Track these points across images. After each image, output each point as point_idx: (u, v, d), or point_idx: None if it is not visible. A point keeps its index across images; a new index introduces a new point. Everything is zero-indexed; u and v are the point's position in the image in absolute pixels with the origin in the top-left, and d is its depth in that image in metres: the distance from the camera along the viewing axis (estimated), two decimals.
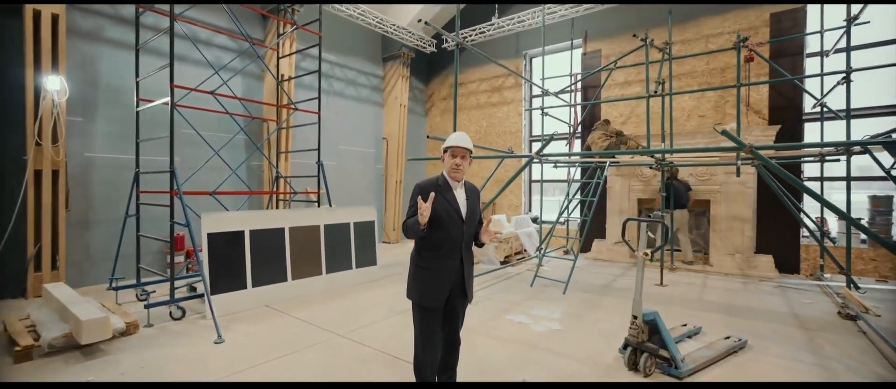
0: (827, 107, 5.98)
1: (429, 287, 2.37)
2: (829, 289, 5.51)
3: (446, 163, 2.41)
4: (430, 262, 2.37)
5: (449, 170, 2.40)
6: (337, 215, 5.67)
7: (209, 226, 4.29)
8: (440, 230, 2.32)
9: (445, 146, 2.42)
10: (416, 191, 2.38)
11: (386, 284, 5.84)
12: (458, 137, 2.41)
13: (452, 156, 2.38)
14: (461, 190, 2.47)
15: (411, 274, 2.46)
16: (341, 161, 8.98)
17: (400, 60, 9.89)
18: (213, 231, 4.31)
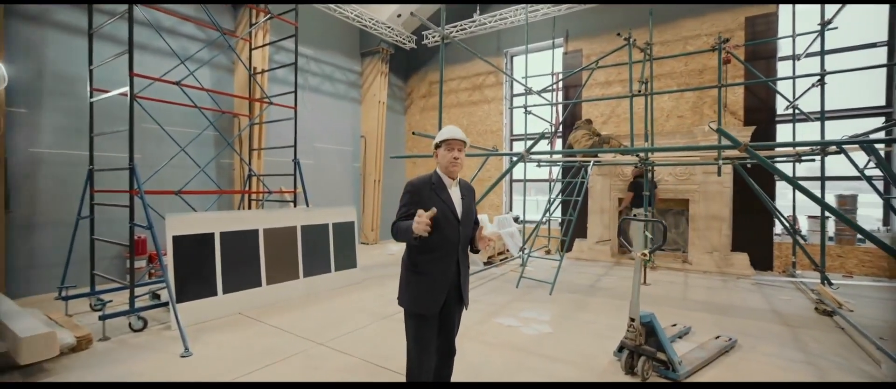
0: (799, 109, 6.16)
1: (423, 293, 2.18)
2: (803, 286, 5.67)
3: (442, 158, 2.22)
4: (425, 267, 2.18)
5: (447, 166, 2.20)
6: (315, 216, 5.38)
7: (175, 228, 3.93)
8: (435, 232, 2.11)
9: (440, 140, 2.22)
10: (408, 191, 2.19)
11: (367, 287, 5.59)
12: (453, 130, 2.23)
13: (449, 150, 2.19)
14: (456, 188, 2.28)
15: (403, 279, 2.26)
16: (318, 159, 8.63)
17: (379, 56, 9.61)
18: (179, 233, 3.95)
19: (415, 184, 2.20)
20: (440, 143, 2.24)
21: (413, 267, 2.21)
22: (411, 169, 11.27)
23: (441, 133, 2.25)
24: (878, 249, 6.23)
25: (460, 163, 2.23)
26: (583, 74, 7.99)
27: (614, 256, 7.60)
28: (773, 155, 6.29)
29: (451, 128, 2.24)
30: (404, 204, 2.18)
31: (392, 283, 5.83)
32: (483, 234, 2.31)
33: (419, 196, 2.16)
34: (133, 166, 3.79)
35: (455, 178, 2.28)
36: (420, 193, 2.17)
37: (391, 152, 10.39)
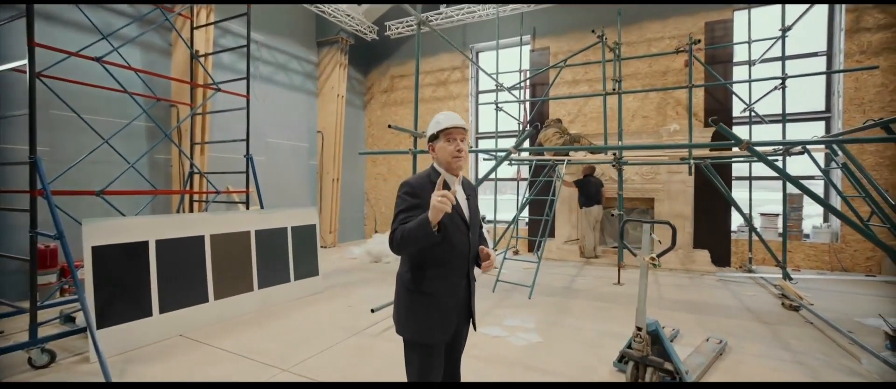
0: (755, 112, 6.44)
1: (432, 318, 1.78)
2: (763, 281, 5.91)
3: (441, 152, 1.83)
4: (431, 285, 1.78)
5: (449, 160, 1.81)
6: (271, 219, 4.75)
7: (95, 237, 3.20)
8: (444, 241, 1.73)
9: (437, 130, 1.83)
10: (406, 193, 1.77)
11: (332, 297, 5.05)
12: (452, 116, 1.84)
13: (449, 141, 1.81)
14: (459, 187, 1.89)
15: (403, 302, 1.84)
16: (271, 156, 7.85)
17: (337, 46, 8.97)
18: (100, 242, 3.22)
19: (412, 185, 1.78)
20: (437, 134, 1.84)
21: (415, 286, 1.80)
22: (371, 167, 10.71)
23: (437, 121, 1.86)
24: (821, 244, 6.67)
25: (465, 156, 1.85)
26: (550, 73, 7.91)
27: (583, 256, 7.59)
28: (731, 155, 6.53)
29: (449, 115, 1.85)
30: (403, 209, 1.76)
31: (360, 291, 5.33)
32: (488, 251, 1.91)
33: (419, 198, 1.75)
34: (35, 159, 3.02)
35: (458, 175, 1.90)
36: (420, 194, 1.75)
37: (350, 149, 9.78)
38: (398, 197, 1.81)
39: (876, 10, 6.36)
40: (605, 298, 5.10)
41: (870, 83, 6.37)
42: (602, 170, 7.65)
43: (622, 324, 4.11)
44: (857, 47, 6.43)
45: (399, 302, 1.88)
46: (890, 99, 6.29)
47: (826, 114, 6.83)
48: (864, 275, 6.30)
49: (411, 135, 4.31)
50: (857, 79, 6.40)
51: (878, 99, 6.33)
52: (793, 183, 2.93)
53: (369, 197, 10.73)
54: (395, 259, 7.42)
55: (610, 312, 4.55)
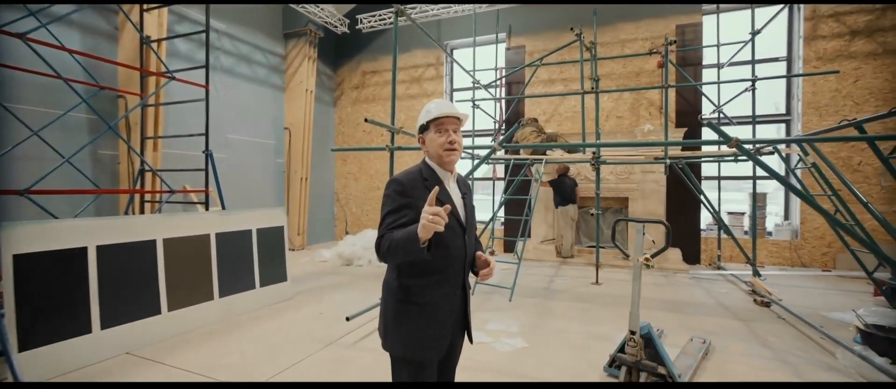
0: (723, 114, 6.62)
1: (425, 332, 1.57)
2: (733, 278, 6.06)
3: (432, 144, 1.63)
4: (423, 295, 1.57)
5: (440, 154, 1.62)
6: (234, 220, 4.36)
7: (17, 243, 2.74)
8: (438, 245, 1.53)
9: (427, 120, 1.63)
10: (395, 191, 1.56)
11: (301, 304, 4.71)
12: (443, 104, 1.64)
13: (441, 132, 1.61)
14: (454, 184, 1.70)
15: (392, 315, 1.62)
16: (233, 153, 7.33)
17: (305, 39, 8.53)
18: (25, 250, 2.77)
19: (402, 182, 1.58)
20: (427, 125, 1.64)
21: (405, 295, 1.59)
22: (342, 166, 10.31)
23: (427, 109, 1.66)
24: (782, 241, 6.95)
25: (459, 149, 1.65)
26: (527, 71, 7.85)
27: (559, 256, 7.57)
28: (701, 155, 6.69)
29: (441, 103, 1.65)
30: (391, 211, 1.55)
31: (332, 297, 5.01)
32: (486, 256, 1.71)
33: (410, 197, 1.55)
34: None
35: (452, 171, 1.70)
36: (411, 193, 1.55)
37: (320, 147, 9.36)
38: (385, 196, 1.59)
39: (831, 20, 6.70)
40: (585, 298, 5.04)
41: (826, 88, 6.70)
42: (576, 170, 7.67)
43: (606, 325, 4.04)
44: (814, 54, 6.75)
45: (386, 314, 1.65)
46: (843, 103, 6.63)
47: (787, 116, 7.14)
48: (820, 270, 6.61)
49: (388, 130, 4.06)
50: (814, 83, 6.71)
51: (833, 103, 6.67)
52: (781, 182, 2.92)
53: (339, 197, 10.32)
54: (369, 262, 7.11)
55: (592, 313, 4.48)
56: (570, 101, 8.06)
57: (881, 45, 6.48)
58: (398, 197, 1.55)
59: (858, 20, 6.58)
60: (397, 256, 1.46)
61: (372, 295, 4.90)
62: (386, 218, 1.55)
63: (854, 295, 5.31)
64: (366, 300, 4.73)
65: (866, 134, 3.28)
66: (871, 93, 6.51)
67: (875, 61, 6.49)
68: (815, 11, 6.75)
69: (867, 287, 5.61)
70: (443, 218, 1.32)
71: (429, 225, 1.32)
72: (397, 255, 1.46)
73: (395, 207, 1.54)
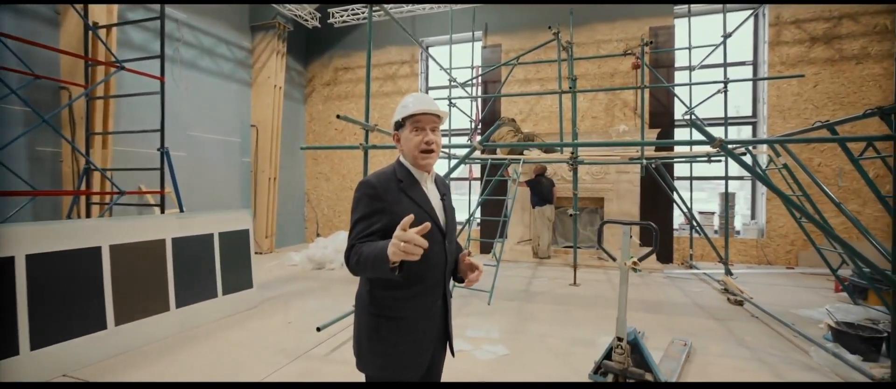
0: (695, 115, 6.76)
1: (402, 350, 1.40)
2: (706, 277, 6.18)
3: (408, 143, 1.45)
4: (400, 309, 1.40)
5: (415, 155, 1.45)
6: (193, 224, 4.01)
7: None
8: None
9: (403, 115, 1.45)
10: (366, 194, 1.38)
11: (268, 313, 4.41)
12: (421, 99, 1.46)
13: (417, 130, 1.44)
14: (432, 185, 1.54)
15: (365, 331, 1.44)
16: (194, 151, 6.86)
17: (274, 32, 8.13)
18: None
19: (374, 185, 1.39)
20: (402, 122, 1.46)
21: (379, 310, 1.41)
22: (313, 166, 9.93)
23: (404, 104, 1.48)
24: (751, 239, 7.18)
25: (436, 151, 1.47)
26: (503, 70, 7.78)
27: (536, 257, 7.53)
28: (673, 155, 6.82)
29: (419, 97, 1.47)
30: (362, 217, 1.37)
31: (301, 304, 4.73)
32: (471, 260, 1.57)
33: (383, 201, 1.37)
34: None
35: (430, 171, 1.52)
36: (384, 197, 1.38)
37: (289, 145, 8.96)
38: (355, 200, 1.42)
39: (793, 26, 6.97)
40: (564, 301, 4.98)
41: (788, 92, 6.96)
42: (553, 170, 7.66)
43: (587, 329, 3.97)
44: (778, 58, 7.00)
45: (360, 330, 1.47)
46: (804, 106, 6.91)
47: (753, 119, 7.37)
48: (784, 268, 6.86)
49: (362, 127, 3.84)
50: (778, 87, 6.96)
51: (795, 106, 6.93)
52: (764, 183, 2.92)
53: (310, 197, 9.93)
54: (341, 265, 6.82)
55: (572, 315, 4.42)
56: (546, 101, 8.05)
57: (838, 52, 6.78)
58: (370, 202, 1.38)
59: (817, 28, 6.87)
60: (366, 272, 1.30)
61: (344, 302, 4.66)
62: (356, 225, 1.38)
63: (817, 291, 5.51)
64: (338, 307, 4.48)
65: (838, 135, 3.34)
66: (829, 98, 6.80)
67: (832, 67, 6.79)
68: (779, 18, 7.00)
69: (827, 283, 5.84)
70: (418, 246, 1.13)
71: (400, 252, 1.14)
72: (366, 272, 1.30)
73: (366, 213, 1.38)
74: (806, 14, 6.88)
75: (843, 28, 6.78)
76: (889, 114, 2.69)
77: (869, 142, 3.25)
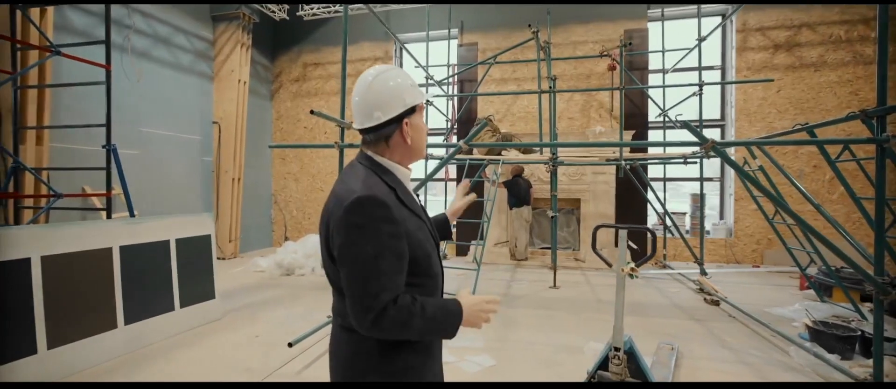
0: (668, 117, 6.87)
1: None
2: (679, 276, 6.27)
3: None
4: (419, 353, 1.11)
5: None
6: (145, 230, 3.60)
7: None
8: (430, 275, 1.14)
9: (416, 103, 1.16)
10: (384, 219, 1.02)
11: (233, 326, 4.04)
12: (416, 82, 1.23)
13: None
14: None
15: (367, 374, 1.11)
16: (148, 149, 6.29)
17: (238, 23, 7.63)
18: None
19: (385, 202, 1.03)
20: (411, 110, 1.16)
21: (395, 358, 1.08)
22: (280, 165, 9.43)
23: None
24: (720, 239, 7.38)
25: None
26: (479, 69, 7.64)
27: (514, 258, 7.44)
28: (647, 157, 6.90)
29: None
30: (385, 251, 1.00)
31: (270, 315, 4.38)
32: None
33: (401, 224, 1.06)
34: None
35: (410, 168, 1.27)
36: (399, 218, 1.06)
37: (255, 144, 8.46)
38: (360, 227, 0.99)
39: (758, 33, 7.22)
40: (546, 305, 4.88)
41: (754, 96, 7.20)
42: (529, 171, 7.59)
43: (572, 335, 3.87)
44: (744, 64, 7.24)
45: (356, 374, 1.11)
46: (768, 110, 7.17)
47: (721, 121, 7.60)
48: (751, 266, 7.10)
49: (338, 124, 3.57)
50: (745, 91, 7.19)
51: (760, 110, 7.19)
52: (752, 182, 2.88)
53: (278, 199, 9.43)
54: (312, 270, 6.46)
55: (555, 321, 4.31)
56: (523, 101, 7.99)
57: (798, 59, 7.09)
58: (388, 227, 1.01)
59: (780, 35, 7.15)
60: (423, 334, 1.05)
61: (317, 311, 4.36)
62: (378, 262, 0.98)
63: (784, 289, 5.69)
64: (310, 317, 4.17)
65: (816, 138, 3.39)
66: (790, 103, 7.09)
67: (794, 73, 7.09)
68: (745, 25, 7.24)
69: (792, 280, 6.06)
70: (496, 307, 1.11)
71: (480, 322, 1.08)
72: (426, 333, 1.04)
73: (383, 246, 0.99)
74: (770, 22, 7.15)
75: (803, 36, 7.09)
76: (871, 118, 2.71)
77: (846, 145, 3.32)
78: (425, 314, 1.00)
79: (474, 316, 1.09)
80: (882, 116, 2.72)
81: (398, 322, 0.97)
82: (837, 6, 6.91)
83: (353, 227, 0.99)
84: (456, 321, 1.05)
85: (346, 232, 1.00)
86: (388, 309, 0.96)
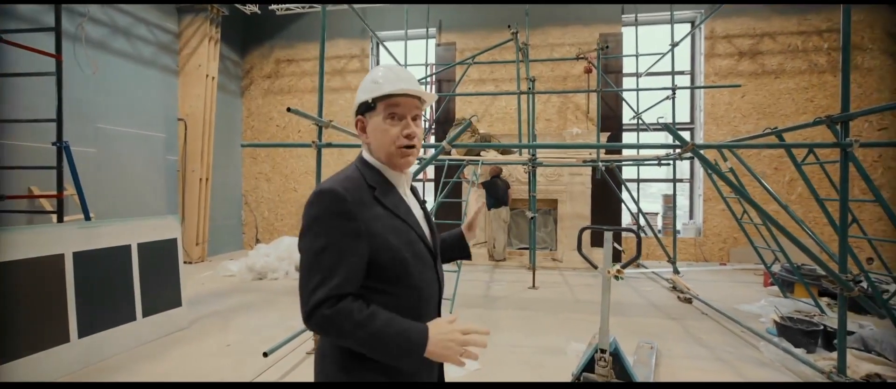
0: (642, 120, 7.06)
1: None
2: (653, 275, 6.45)
3: (382, 135, 1.09)
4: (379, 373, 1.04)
5: (393, 153, 1.10)
6: (103, 234, 3.34)
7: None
8: (407, 286, 1.06)
9: (376, 96, 1.07)
10: (338, 213, 0.98)
11: (201, 334, 3.82)
12: (399, 74, 1.11)
13: (394, 118, 1.09)
14: (409, 191, 1.23)
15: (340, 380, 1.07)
16: (106, 147, 5.88)
17: (205, 15, 7.27)
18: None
19: (341, 195, 0.98)
20: (373, 103, 1.09)
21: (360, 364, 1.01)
22: (251, 165, 9.08)
23: (375, 79, 1.10)
24: (689, 238, 7.64)
25: (419, 146, 1.13)
26: (458, 69, 7.61)
27: (492, 259, 7.45)
28: (622, 158, 7.07)
29: (395, 71, 1.12)
30: (328, 246, 0.96)
31: (242, 321, 4.17)
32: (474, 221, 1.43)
33: (357, 219, 0.99)
34: None
35: (407, 173, 1.20)
36: (358, 213, 1.00)
37: (224, 142, 8.11)
38: (311, 217, 0.99)
39: (724, 41, 7.53)
40: (526, 306, 4.89)
41: (721, 101, 7.51)
42: (507, 172, 7.61)
43: (554, 336, 3.88)
44: (712, 70, 7.53)
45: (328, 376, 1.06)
46: (733, 115, 7.49)
47: (690, 125, 7.87)
48: (718, 264, 7.39)
49: (315, 123, 3.43)
50: (713, 96, 7.48)
51: (726, 115, 7.50)
52: (729, 184, 2.96)
53: (248, 200, 9.07)
54: (286, 274, 6.24)
55: (536, 322, 4.32)
56: (501, 102, 8.01)
57: (761, 67, 7.44)
58: (340, 222, 0.97)
59: (744, 43, 7.48)
60: (373, 353, 0.96)
61: (293, 317, 4.18)
62: (319, 258, 0.95)
63: (749, 285, 5.94)
64: (286, 324, 4.01)
65: (784, 142, 3.53)
66: (753, 108, 7.43)
67: (757, 80, 7.43)
68: (713, 32, 7.53)
69: (756, 277, 6.34)
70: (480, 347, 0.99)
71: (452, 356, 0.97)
72: (374, 353, 0.95)
73: (332, 240, 0.95)
74: (735, 30, 7.47)
75: (765, 45, 7.44)
76: (836, 123, 2.84)
77: (810, 149, 3.47)
78: (369, 328, 0.92)
79: (444, 347, 0.96)
80: (845, 122, 2.86)
81: (333, 325, 0.92)
82: (795, 17, 7.30)
83: (309, 219, 0.99)
84: (414, 349, 0.94)
85: (303, 222, 1.00)
86: (321, 307, 0.92)
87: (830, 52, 7.20)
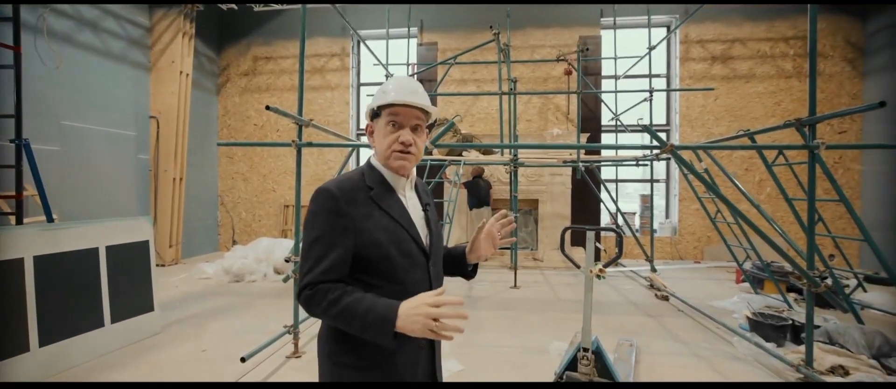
0: (620, 121, 7.20)
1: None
2: (631, 273, 6.58)
3: (383, 141, 1.17)
4: (377, 355, 1.09)
5: (389, 156, 1.16)
6: (68, 237, 3.17)
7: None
8: (391, 281, 1.11)
9: (381, 104, 1.15)
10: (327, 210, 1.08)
11: (175, 340, 3.68)
12: (407, 85, 1.17)
13: (393, 126, 1.15)
14: (412, 192, 1.27)
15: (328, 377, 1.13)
16: (71, 146, 5.59)
17: (179, 10, 7.03)
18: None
19: (334, 194, 1.09)
20: (378, 111, 1.17)
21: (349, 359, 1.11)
22: (228, 165, 8.83)
23: (384, 89, 1.17)
24: (665, 237, 7.84)
25: (416, 155, 1.19)
26: (439, 69, 7.59)
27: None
28: (601, 159, 7.20)
29: (403, 83, 1.18)
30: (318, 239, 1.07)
31: (218, 326, 4.04)
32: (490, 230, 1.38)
33: (346, 216, 1.07)
34: None
35: (408, 175, 1.24)
36: (347, 210, 1.08)
37: (198, 141, 7.87)
38: (310, 214, 1.10)
39: (698, 45, 7.77)
40: (508, 305, 4.91)
41: (695, 104, 7.74)
42: (489, 172, 7.64)
43: (536, 336, 3.90)
44: (687, 73, 7.76)
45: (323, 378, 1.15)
46: (707, 117, 7.73)
47: (666, 127, 8.08)
48: (693, 262, 7.61)
49: (295, 122, 3.35)
50: (687, 99, 7.71)
51: (700, 117, 7.74)
52: (705, 184, 3.04)
53: (225, 200, 8.81)
54: (264, 276, 6.09)
55: (519, 321, 4.34)
56: (483, 103, 8.04)
57: (732, 71, 7.71)
58: (329, 217, 1.08)
59: (717, 48, 7.74)
60: (349, 329, 1.03)
61: (272, 320, 4.08)
62: (311, 248, 1.08)
63: (722, 282, 6.14)
64: (264, 328, 3.90)
65: (755, 143, 3.66)
66: (725, 111, 7.70)
67: (728, 84, 7.70)
68: (687, 37, 7.76)
69: (728, 275, 6.56)
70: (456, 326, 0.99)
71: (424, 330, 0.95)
72: (349, 328, 1.02)
73: (322, 233, 1.07)
74: (709, 35, 7.71)
75: (736, 50, 7.71)
76: (805, 126, 2.96)
77: (780, 151, 3.61)
78: (340, 304, 1.01)
79: (412, 321, 0.95)
80: (813, 125, 2.98)
81: (312, 303, 1.04)
82: (764, 23, 7.60)
83: (308, 214, 1.12)
84: (382, 324, 0.97)
85: (306, 215, 1.14)
86: (306, 288, 1.05)
87: (796, 57, 7.52)
